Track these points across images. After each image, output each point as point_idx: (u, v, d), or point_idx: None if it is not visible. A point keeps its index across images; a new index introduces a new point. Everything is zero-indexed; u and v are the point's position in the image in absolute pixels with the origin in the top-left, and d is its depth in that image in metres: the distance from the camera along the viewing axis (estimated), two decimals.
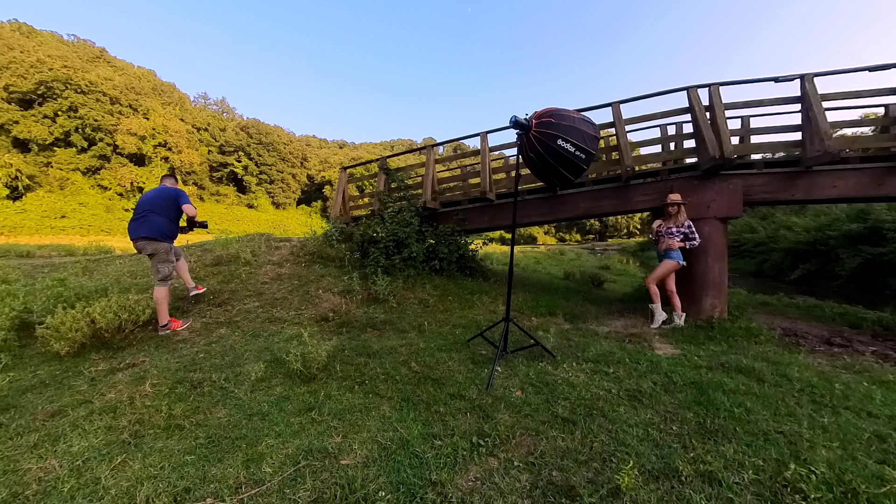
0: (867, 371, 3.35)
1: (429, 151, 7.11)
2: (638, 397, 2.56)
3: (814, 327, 5.50)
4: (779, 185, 5.19)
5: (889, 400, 2.65)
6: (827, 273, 13.18)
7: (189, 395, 2.55)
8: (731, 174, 5.19)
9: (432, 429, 2.15)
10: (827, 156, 4.67)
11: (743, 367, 3.11)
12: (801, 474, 1.70)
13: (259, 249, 6.70)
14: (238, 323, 4.15)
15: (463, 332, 4.07)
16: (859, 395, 2.70)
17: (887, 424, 2.28)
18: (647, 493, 1.62)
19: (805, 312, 6.53)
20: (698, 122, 5.17)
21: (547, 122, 2.87)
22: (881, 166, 4.95)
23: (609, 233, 63.90)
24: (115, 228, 38.91)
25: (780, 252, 15.60)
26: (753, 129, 5.76)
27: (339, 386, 2.69)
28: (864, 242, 12.14)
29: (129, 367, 3.02)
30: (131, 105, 47.35)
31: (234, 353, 3.33)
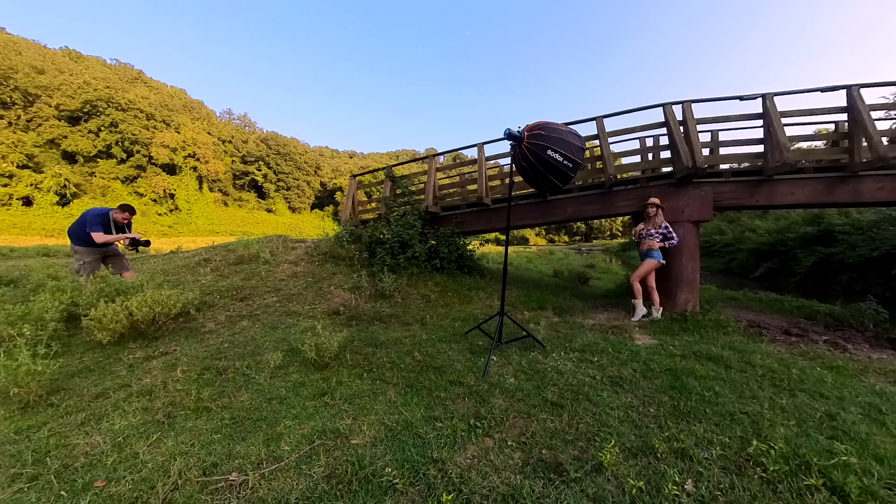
0: (820, 358, 3.37)
1: (430, 160, 7.10)
2: (619, 383, 2.57)
3: (774, 319, 5.50)
4: (744, 192, 5.19)
5: (838, 383, 2.67)
6: (786, 271, 13.19)
7: (215, 381, 2.56)
8: (702, 182, 5.19)
9: (434, 412, 2.15)
10: (786, 166, 4.68)
11: (712, 355, 3.12)
12: (762, 449, 1.72)
13: (277, 249, 6.69)
14: (258, 316, 4.14)
15: (462, 325, 4.07)
16: (813, 379, 2.72)
17: (837, 405, 2.30)
18: (626, 468, 1.63)
19: (767, 306, 6.54)
20: (673, 135, 5.17)
21: (538, 135, 2.87)
22: (832, 176, 4.96)
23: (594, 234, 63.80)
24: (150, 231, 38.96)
25: (746, 252, 15.60)
26: (722, 142, 5.76)
27: (349, 373, 2.70)
28: (818, 243, 12.17)
29: (163, 354, 3.03)
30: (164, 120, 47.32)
31: (255, 344, 3.33)
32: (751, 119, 5.13)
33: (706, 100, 5.29)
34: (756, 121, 5.09)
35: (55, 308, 3.40)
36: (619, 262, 19.24)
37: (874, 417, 2.15)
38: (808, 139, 6.25)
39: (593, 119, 5.76)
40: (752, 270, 14.56)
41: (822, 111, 5.07)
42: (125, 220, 4.62)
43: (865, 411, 2.23)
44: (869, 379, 2.85)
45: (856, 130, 4.75)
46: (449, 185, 8.10)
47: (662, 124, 5.39)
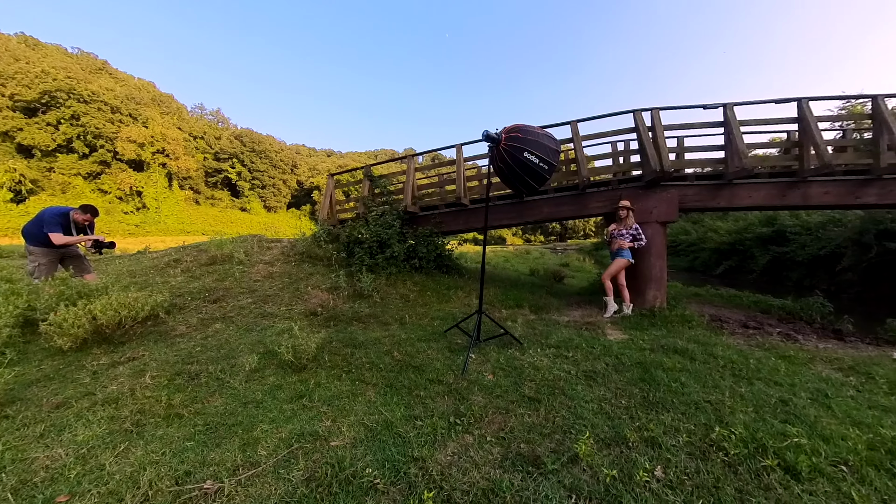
0: (774, 348, 3.58)
1: (409, 160, 7.07)
2: (593, 377, 2.64)
3: (734, 313, 5.82)
4: (707, 194, 5.45)
5: (791, 371, 2.85)
6: (744, 268, 13.98)
7: (187, 386, 2.45)
8: (669, 185, 5.42)
9: (414, 411, 2.14)
10: (744, 171, 4.96)
11: (678, 348, 3.26)
12: (723, 435, 1.82)
13: (252, 249, 6.48)
14: (232, 318, 4.00)
15: (440, 324, 4.07)
16: (768, 368, 2.89)
17: (789, 391, 2.46)
18: (600, 458, 1.69)
19: (727, 301, 6.90)
20: (643, 140, 5.37)
21: (515, 137, 2.91)
22: (784, 181, 5.30)
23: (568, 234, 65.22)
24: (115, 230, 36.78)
25: (708, 251, 16.42)
26: (687, 148, 6.05)
27: (327, 375, 2.64)
28: (772, 243, 12.97)
29: (130, 360, 2.87)
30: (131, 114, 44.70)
31: (229, 346, 3.21)
32: (713, 127, 5.41)
33: (673, 107, 5.53)
34: (718, 128, 5.38)
35: (10, 313, 3.16)
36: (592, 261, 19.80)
37: (821, 401, 2.31)
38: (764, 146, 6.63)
39: (568, 123, 5.90)
40: (714, 268, 15.35)
41: (775, 121, 5.43)
42: (86, 221, 4.34)
43: (814, 396, 2.39)
44: (816, 367, 3.06)
45: (805, 140, 5.10)
46: (427, 185, 8.08)
47: (633, 129, 5.59)
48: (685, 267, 17.26)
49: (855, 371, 2.95)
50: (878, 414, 2.17)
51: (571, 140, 5.82)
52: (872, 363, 3.13)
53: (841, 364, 3.12)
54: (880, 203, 5.29)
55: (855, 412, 2.17)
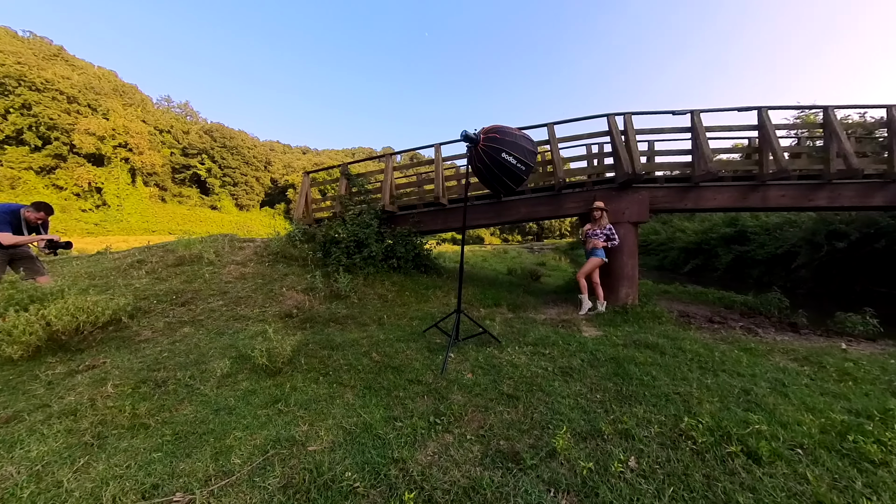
0: (737, 341, 3.78)
1: (387, 159, 7.01)
2: (569, 373, 2.71)
3: (701, 309, 6.11)
4: (675, 196, 5.70)
5: (752, 363, 3.01)
6: (710, 266, 14.70)
7: (153, 394, 2.33)
8: (640, 187, 5.63)
9: (393, 412, 2.12)
10: (709, 175, 5.22)
11: (650, 343, 3.39)
12: (692, 424, 1.90)
13: (222, 250, 6.24)
14: (202, 321, 3.84)
15: (419, 324, 4.05)
16: (732, 360, 3.04)
17: (750, 381, 2.60)
18: (577, 452, 1.73)
19: (694, 297, 7.24)
20: (616, 143, 5.56)
21: (493, 138, 2.94)
22: (745, 184, 5.63)
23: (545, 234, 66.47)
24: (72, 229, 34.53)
25: (677, 250, 17.16)
26: (657, 151, 6.30)
27: (304, 378, 2.58)
28: (735, 242, 13.72)
29: (89, 368, 2.70)
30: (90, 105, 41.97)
31: (199, 351, 3.08)
32: (681, 132, 5.67)
33: (644, 112, 5.75)
34: (686, 133, 5.64)
35: None
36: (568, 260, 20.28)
37: (779, 390, 2.46)
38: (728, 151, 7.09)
39: (545, 125, 6.03)
40: (682, 266, 16.06)
41: (738, 128, 5.76)
42: (39, 219, 4.05)
43: (772, 385, 2.54)
44: (775, 358, 3.25)
45: (764, 146, 5.43)
46: (406, 184, 8.04)
47: (606, 133, 5.78)
48: (655, 265, 17.97)
49: (808, 361, 3.16)
50: (829, 400, 2.34)
51: (548, 142, 5.94)
52: (824, 353, 3.36)
53: (796, 355, 3.33)
54: (830, 206, 5.72)
55: (809, 399, 2.32)
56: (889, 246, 8.76)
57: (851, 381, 2.71)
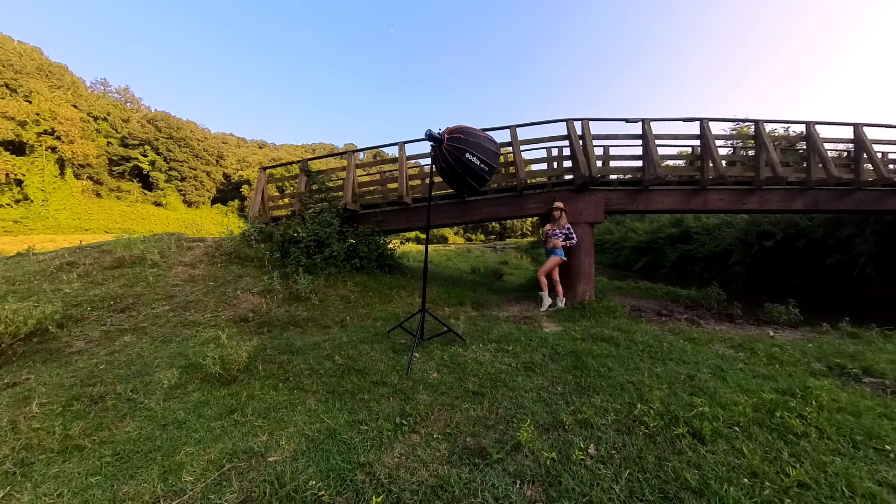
0: (683, 332, 4.09)
1: (350, 156, 6.84)
2: (532, 368, 2.79)
3: (650, 303, 6.55)
4: (628, 198, 6.08)
5: (695, 351, 3.28)
6: (658, 264, 15.82)
7: (89, 412, 2.11)
8: (596, 189, 5.93)
9: (358, 415, 2.08)
10: (658, 179, 5.63)
11: (605, 337, 3.58)
12: (644, 410, 2.05)
13: (168, 250, 5.77)
14: (146, 329, 3.54)
15: (383, 325, 4.00)
16: (678, 349, 3.29)
17: (694, 368, 2.84)
18: (541, 443, 1.79)
19: (645, 293, 7.75)
20: (574, 147, 5.82)
21: (457, 138, 2.96)
22: (689, 188, 6.15)
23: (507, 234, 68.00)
24: None
25: (629, 249, 18.30)
26: (612, 156, 6.67)
27: (262, 385, 2.47)
28: (680, 242, 14.91)
29: (9, 386, 2.40)
30: (8, 84, 36.83)
31: (143, 362, 2.84)
32: (634, 139, 6.07)
33: (600, 119, 6.08)
34: (637, 140, 6.03)
35: None
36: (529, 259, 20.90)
37: (719, 375, 2.70)
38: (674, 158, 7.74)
39: (507, 127, 6.17)
40: (634, 264, 17.15)
41: (683, 136, 6.28)
42: None
43: (713, 371, 2.79)
44: (715, 346, 3.57)
45: (705, 154, 5.94)
46: (369, 182, 7.90)
47: (566, 137, 6.03)
48: (610, 263, 19.03)
49: (743, 348, 3.50)
50: (760, 381, 2.60)
51: (511, 144, 6.09)
52: (755, 340, 3.74)
53: (732, 342, 3.67)
54: (760, 209, 6.39)
55: (743, 381, 2.57)
56: (807, 245, 9.97)
57: (778, 364, 3.04)
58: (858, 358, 3.21)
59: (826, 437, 1.89)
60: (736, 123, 12.75)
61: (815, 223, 9.98)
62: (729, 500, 1.42)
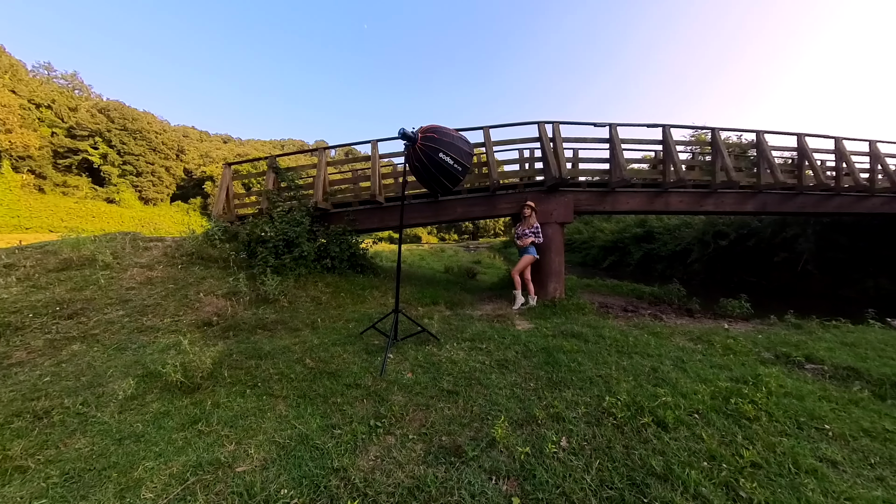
0: (646, 327, 4.29)
1: (321, 153, 6.67)
2: (505, 365, 2.84)
3: (617, 300, 6.84)
4: (596, 200, 6.31)
5: (658, 344, 3.45)
6: (624, 262, 16.52)
7: (32, 429, 1.94)
8: (566, 190, 6.12)
9: (331, 420, 2.04)
10: (623, 182, 5.89)
11: (575, 333, 3.70)
12: (612, 402, 2.13)
13: (123, 251, 5.40)
14: (97, 336, 3.29)
15: (356, 326, 3.95)
16: (643, 343, 3.45)
17: (657, 360, 2.98)
18: (515, 439, 1.83)
19: (612, 290, 8.08)
20: (545, 148, 5.96)
21: (431, 137, 2.96)
22: (652, 191, 6.48)
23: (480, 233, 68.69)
24: None
25: (597, 248, 19.00)
26: (581, 159, 6.91)
27: (228, 392, 2.36)
28: (644, 241, 15.66)
29: None
30: None
31: (94, 372, 2.64)
32: (601, 142, 6.30)
33: (570, 122, 6.30)
34: (605, 144, 6.27)
35: None
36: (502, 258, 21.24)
37: (680, 366, 2.86)
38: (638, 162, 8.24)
39: (481, 128, 6.24)
40: (602, 262, 17.83)
41: (647, 141, 6.60)
42: None
43: (675, 362, 2.94)
44: (676, 339, 3.77)
45: (667, 158, 6.28)
46: (340, 180, 7.75)
47: (537, 139, 6.17)
48: (579, 262, 19.68)
49: (701, 340, 3.72)
50: (716, 371, 2.79)
51: (484, 144, 6.17)
52: (712, 333, 3.98)
53: (692, 335, 3.90)
54: (716, 210, 6.86)
55: (702, 371, 2.74)
56: (757, 244, 10.79)
57: (732, 354, 3.26)
58: (801, 347, 3.50)
59: (775, 420, 2.05)
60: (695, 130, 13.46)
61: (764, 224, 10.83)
62: (690, 482, 1.51)
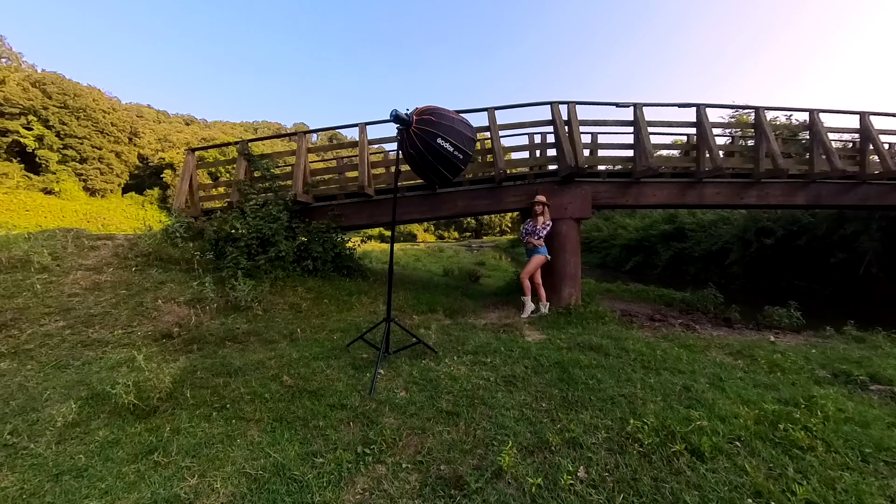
0: (677, 338, 4.29)
1: (300, 138, 6.67)
2: (513, 382, 2.84)
3: (642, 307, 6.85)
4: (617, 192, 6.31)
5: (691, 359, 3.45)
6: (650, 263, 16.55)
7: None
8: (582, 181, 6.12)
9: (311, 446, 2.03)
10: (650, 171, 5.88)
11: (594, 345, 3.69)
12: (638, 426, 2.12)
13: (64, 251, 5.37)
14: (31, 352, 3.27)
15: (342, 337, 3.94)
16: (672, 357, 3.45)
17: (690, 378, 2.97)
18: (525, 468, 1.81)
19: (636, 296, 8.09)
20: (559, 133, 5.97)
21: (427, 120, 2.95)
22: (684, 181, 6.47)
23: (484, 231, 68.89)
24: None
25: (618, 247, 19.04)
26: (601, 145, 6.92)
27: (190, 416, 2.35)
28: (673, 239, 15.66)
29: None
30: None
31: (26, 395, 2.61)
32: (624, 125, 6.31)
33: (588, 102, 6.30)
34: (628, 127, 6.28)
35: None
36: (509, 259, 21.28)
37: (717, 385, 2.85)
38: (668, 148, 8.19)
39: (485, 110, 6.24)
40: (624, 264, 17.85)
41: (678, 124, 6.59)
42: None
43: (711, 380, 2.94)
44: (712, 353, 3.77)
45: (702, 143, 6.28)
46: (324, 170, 7.77)
47: (550, 122, 6.18)
48: (597, 263, 19.71)
49: (742, 354, 3.72)
50: (761, 391, 2.78)
51: (488, 129, 6.16)
52: (755, 346, 3.99)
53: (731, 349, 3.90)
54: (759, 204, 6.82)
55: (743, 392, 2.73)
56: (809, 243, 10.67)
57: (780, 372, 3.25)
58: (865, 364, 3.50)
59: (833, 450, 2.02)
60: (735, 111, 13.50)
61: (818, 219, 10.67)
62: None
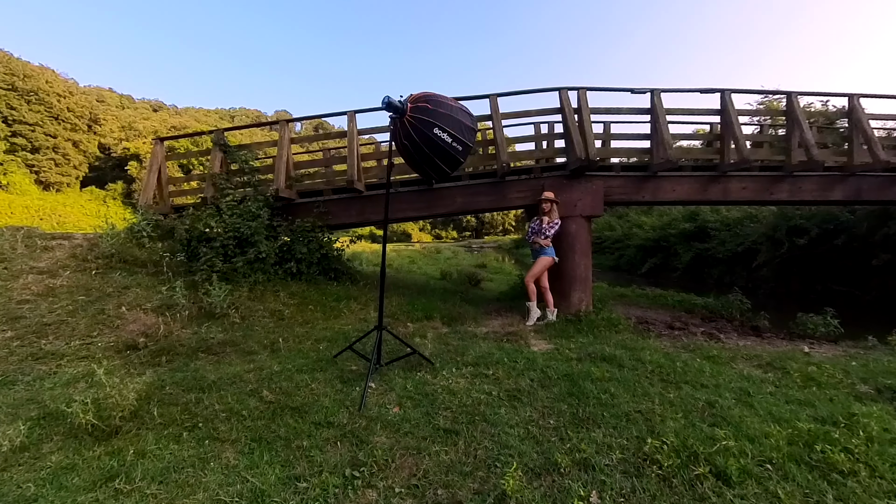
0: (699, 349, 4.29)
1: (282, 127, 6.67)
2: (517, 396, 2.84)
3: (660, 314, 6.85)
4: (632, 187, 6.33)
5: (715, 372, 3.45)
6: (668, 266, 16.58)
7: None
8: (594, 175, 6.12)
9: (294, 469, 2.02)
10: (668, 163, 5.89)
11: (606, 356, 3.70)
12: (656, 446, 2.10)
13: (12, 251, 5.34)
14: None
15: (328, 347, 3.96)
16: (694, 370, 3.45)
17: (714, 392, 2.97)
18: (531, 492, 1.80)
19: (653, 301, 8.10)
20: (568, 123, 5.98)
21: (423, 108, 2.95)
22: (706, 175, 6.48)
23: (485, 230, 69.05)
24: None
25: (633, 248, 19.07)
26: (613, 135, 6.92)
27: (158, 437, 2.33)
28: (695, 239, 15.67)
29: None
30: None
31: None
32: (640, 113, 6.32)
33: (600, 88, 6.31)
34: (644, 115, 6.28)
35: None
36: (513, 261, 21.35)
37: (744, 401, 2.84)
38: (688, 138, 8.19)
39: (486, 96, 6.25)
40: (640, 267, 17.88)
41: (700, 111, 6.60)
42: None
43: (737, 396, 2.93)
44: (738, 365, 3.77)
45: (726, 133, 6.27)
46: (309, 162, 7.77)
47: (558, 110, 6.19)
48: (611, 266, 19.75)
49: (772, 367, 3.72)
50: (794, 408, 2.77)
51: (490, 117, 6.17)
52: (787, 358, 3.98)
53: (760, 361, 3.90)
54: (791, 199, 6.80)
55: (774, 408, 2.72)
56: (848, 242, 10.55)
57: (815, 387, 3.24)
58: None
59: (878, 475, 2.00)
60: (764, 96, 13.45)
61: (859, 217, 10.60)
62: None
